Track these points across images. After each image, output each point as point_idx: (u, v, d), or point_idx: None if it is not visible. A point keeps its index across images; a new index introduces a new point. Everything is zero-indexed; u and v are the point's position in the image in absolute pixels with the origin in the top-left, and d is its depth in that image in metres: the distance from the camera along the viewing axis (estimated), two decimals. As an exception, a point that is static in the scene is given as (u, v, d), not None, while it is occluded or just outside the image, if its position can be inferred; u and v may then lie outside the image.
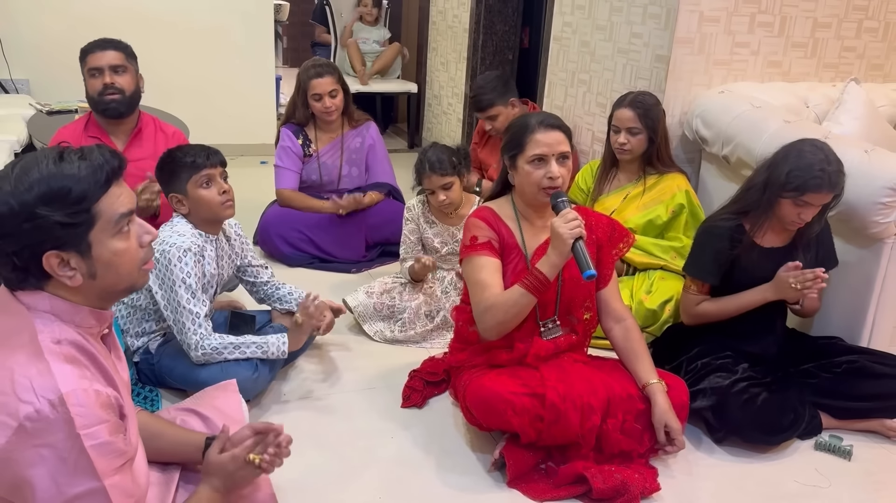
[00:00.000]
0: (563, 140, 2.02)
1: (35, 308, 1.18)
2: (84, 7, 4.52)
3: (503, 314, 1.98)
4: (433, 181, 2.78)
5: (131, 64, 2.70)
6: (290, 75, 6.45)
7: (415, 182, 2.88)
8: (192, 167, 2.21)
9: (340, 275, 3.32)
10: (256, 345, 2.22)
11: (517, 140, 2.04)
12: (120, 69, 2.65)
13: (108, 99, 2.65)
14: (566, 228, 1.88)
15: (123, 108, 2.68)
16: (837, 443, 2.22)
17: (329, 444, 2.13)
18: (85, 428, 1.12)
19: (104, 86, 2.63)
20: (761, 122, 2.70)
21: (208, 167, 2.22)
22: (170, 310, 2.18)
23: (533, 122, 2.03)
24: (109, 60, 2.64)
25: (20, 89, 4.52)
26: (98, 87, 2.64)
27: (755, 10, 3.02)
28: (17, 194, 1.12)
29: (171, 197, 2.25)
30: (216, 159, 2.25)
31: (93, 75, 2.65)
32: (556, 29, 3.77)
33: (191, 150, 2.24)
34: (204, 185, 2.22)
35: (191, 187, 2.21)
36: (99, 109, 2.69)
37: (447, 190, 2.79)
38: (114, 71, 2.64)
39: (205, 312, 2.19)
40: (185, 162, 2.21)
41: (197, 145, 2.28)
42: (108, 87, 2.64)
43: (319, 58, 3.82)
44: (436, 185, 2.78)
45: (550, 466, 2.02)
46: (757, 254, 2.27)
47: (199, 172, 2.21)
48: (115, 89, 2.65)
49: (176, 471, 1.56)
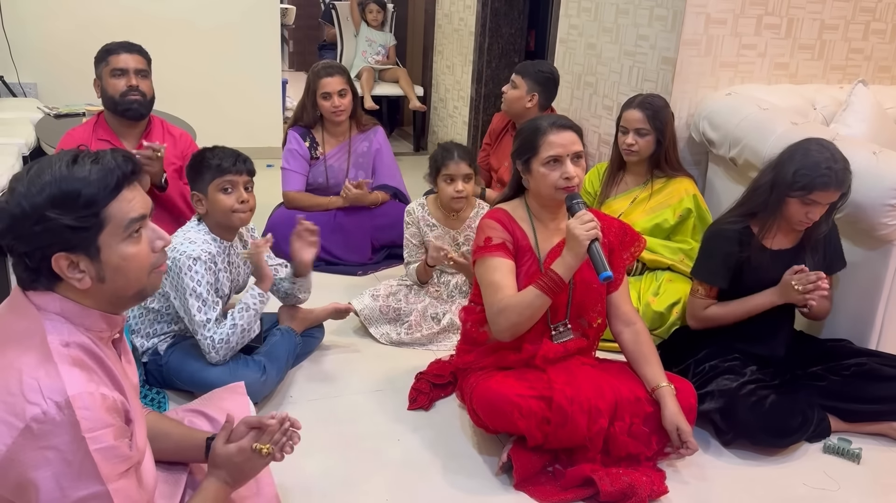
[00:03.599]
0: (575, 139, 2.02)
1: (45, 309, 1.19)
2: (92, 11, 4.54)
3: (517, 316, 1.98)
4: (459, 168, 2.77)
5: (150, 69, 2.76)
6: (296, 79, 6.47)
7: (429, 174, 2.87)
8: (216, 170, 2.22)
9: (346, 278, 3.33)
10: (240, 311, 2.24)
11: (530, 143, 2.04)
12: (143, 73, 2.71)
13: (130, 99, 2.67)
14: (582, 230, 1.87)
15: (144, 110, 2.74)
16: (846, 446, 2.20)
17: (335, 447, 2.13)
18: (90, 431, 1.12)
19: (129, 87, 2.67)
20: (768, 123, 2.69)
21: (233, 173, 2.23)
22: (186, 317, 2.21)
23: (544, 124, 2.03)
24: (136, 64, 2.69)
25: (28, 93, 4.54)
26: (121, 88, 2.67)
27: (762, 11, 3.01)
28: (29, 196, 1.12)
29: (193, 195, 2.27)
30: (243, 167, 2.26)
31: (115, 75, 2.67)
32: (562, 31, 3.77)
33: (221, 153, 2.25)
34: (224, 190, 2.23)
35: (212, 189, 2.23)
36: (119, 110, 2.70)
37: (467, 182, 2.80)
38: (138, 74, 2.69)
39: (216, 316, 2.20)
40: (212, 164, 2.23)
41: (230, 149, 2.29)
42: (132, 88, 2.67)
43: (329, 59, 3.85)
44: (460, 172, 2.78)
45: (558, 469, 2.02)
46: (765, 256, 2.26)
47: (222, 176, 2.22)
48: (139, 91, 2.69)
49: (183, 471, 1.56)
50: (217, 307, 2.22)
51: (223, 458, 1.45)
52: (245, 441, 1.45)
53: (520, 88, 3.36)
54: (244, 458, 1.44)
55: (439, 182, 2.83)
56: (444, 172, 2.80)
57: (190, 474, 1.58)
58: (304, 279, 2.55)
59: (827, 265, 2.32)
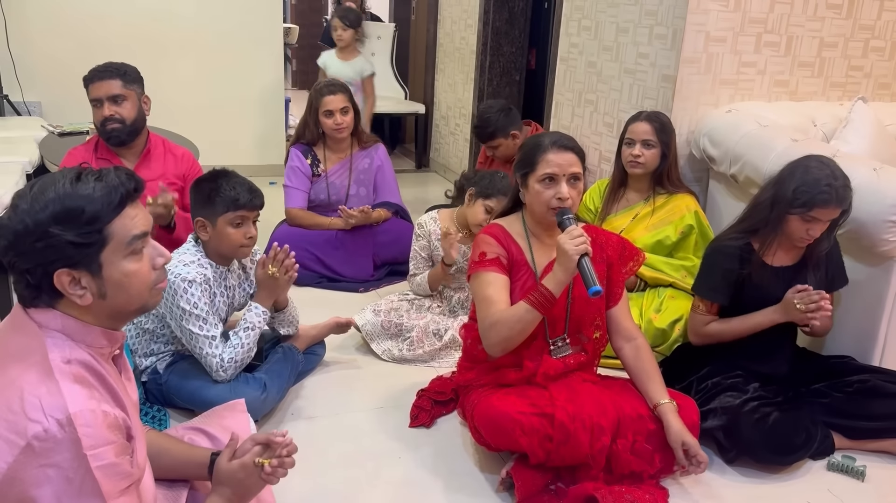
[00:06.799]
0: (574, 161, 2.03)
1: (46, 326, 1.19)
2: (95, 30, 4.59)
3: (508, 330, 1.97)
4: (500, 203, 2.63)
5: (132, 89, 2.67)
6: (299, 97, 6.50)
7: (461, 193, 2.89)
8: (231, 203, 2.17)
9: (348, 295, 3.33)
10: (244, 330, 2.22)
11: (529, 158, 2.05)
12: (119, 98, 2.63)
13: (109, 129, 2.65)
14: (571, 244, 1.88)
15: (125, 136, 2.68)
16: (850, 464, 2.19)
17: (336, 464, 2.12)
18: (92, 448, 1.12)
19: (104, 118, 2.63)
20: (769, 140, 2.70)
21: (247, 209, 2.20)
22: (185, 338, 2.20)
23: (546, 142, 2.04)
24: (108, 91, 2.61)
25: (32, 111, 4.57)
26: (99, 118, 2.65)
27: (761, 29, 3.03)
28: (33, 213, 1.13)
29: (197, 220, 2.22)
30: (258, 202, 2.23)
31: (94, 105, 2.65)
32: (563, 50, 3.80)
33: (237, 184, 2.20)
34: (236, 225, 2.20)
35: (221, 221, 2.19)
36: (103, 138, 2.71)
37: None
38: (112, 101, 2.62)
39: (219, 334, 2.20)
40: (227, 195, 2.17)
41: (244, 179, 2.24)
42: (107, 119, 2.63)
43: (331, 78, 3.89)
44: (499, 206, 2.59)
45: (560, 487, 2.00)
46: (766, 273, 2.26)
47: (236, 211, 2.18)
48: (115, 119, 2.64)
49: (184, 488, 1.56)
50: (219, 326, 2.22)
51: (227, 475, 1.45)
52: (248, 457, 1.45)
53: (502, 145, 3.54)
54: (247, 474, 1.44)
55: (476, 205, 2.80)
56: (486, 203, 2.77)
57: (191, 489, 1.57)
58: (283, 314, 2.46)
59: (829, 282, 2.32)
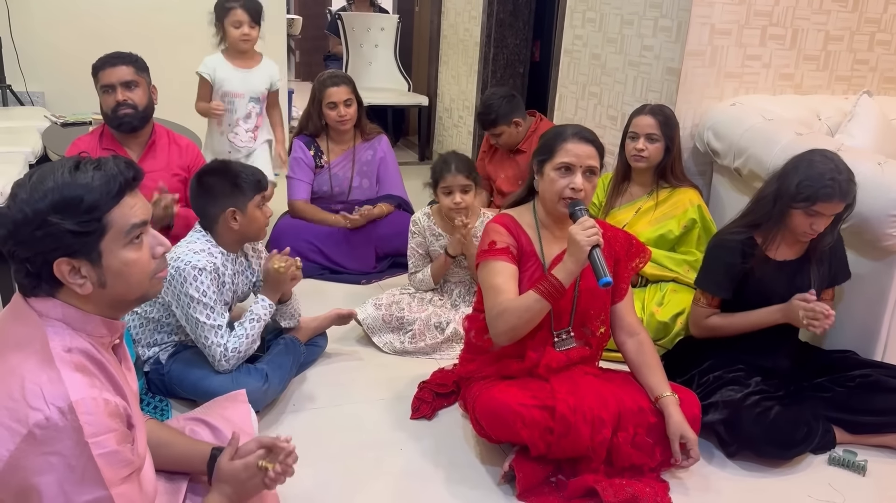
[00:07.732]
0: (593, 154, 2.02)
1: (47, 315, 1.19)
2: (98, 20, 4.57)
3: (516, 319, 1.97)
4: (456, 180, 2.77)
5: (143, 77, 2.71)
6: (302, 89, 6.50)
7: (430, 183, 2.87)
8: (256, 187, 2.27)
9: (350, 287, 3.33)
10: (251, 321, 2.26)
11: (549, 146, 2.05)
12: (132, 84, 2.67)
13: (121, 114, 2.66)
14: (583, 235, 1.87)
15: (137, 121, 2.71)
16: (851, 458, 2.19)
17: (338, 456, 2.13)
18: (93, 436, 1.12)
19: (117, 103, 2.65)
20: (773, 134, 2.69)
21: (265, 189, 2.31)
22: (189, 326, 2.21)
23: (568, 131, 2.04)
24: (120, 76, 2.65)
25: (35, 101, 4.56)
26: (111, 104, 2.66)
27: (766, 22, 3.02)
28: (32, 202, 1.13)
29: (229, 211, 2.24)
30: (267, 181, 2.34)
31: (105, 92, 2.67)
32: (567, 42, 3.78)
33: (250, 171, 2.30)
34: (261, 207, 2.29)
35: (251, 206, 2.26)
36: (113, 125, 2.71)
37: (465, 193, 2.79)
38: (125, 87, 2.66)
39: (225, 324, 2.22)
40: (251, 181, 2.26)
41: (248, 166, 2.33)
42: (120, 104, 2.65)
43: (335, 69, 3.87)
44: (457, 184, 2.78)
45: (560, 479, 2.01)
46: (769, 267, 2.25)
47: (261, 192, 2.29)
48: (129, 105, 2.66)
49: (184, 480, 1.56)
50: (225, 315, 2.23)
51: (229, 474, 1.45)
52: (252, 458, 1.46)
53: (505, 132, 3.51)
54: (249, 475, 1.45)
55: (438, 193, 2.84)
56: (441, 185, 2.81)
57: (191, 481, 1.58)
58: (285, 306, 2.47)
59: (832, 276, 2.31)
